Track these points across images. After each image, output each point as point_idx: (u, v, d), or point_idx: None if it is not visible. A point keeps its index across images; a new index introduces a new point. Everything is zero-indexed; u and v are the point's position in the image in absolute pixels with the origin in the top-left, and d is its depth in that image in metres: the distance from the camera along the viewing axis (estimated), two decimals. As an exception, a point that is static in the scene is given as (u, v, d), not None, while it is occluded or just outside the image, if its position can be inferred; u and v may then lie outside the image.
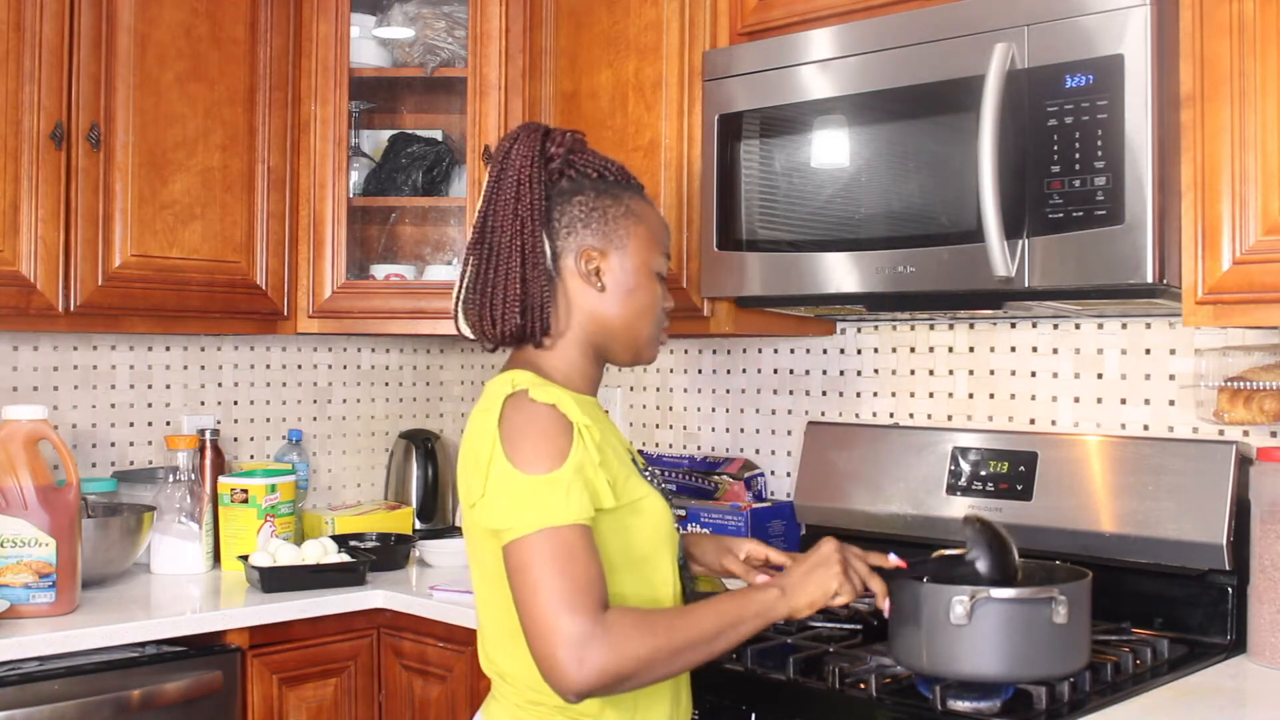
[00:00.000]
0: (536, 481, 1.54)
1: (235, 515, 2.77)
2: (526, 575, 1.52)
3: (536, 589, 1.50)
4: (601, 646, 1.48)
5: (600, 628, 1.49)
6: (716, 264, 2.38)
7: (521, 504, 1.53)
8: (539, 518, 1.52)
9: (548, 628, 1.49)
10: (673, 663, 1.55)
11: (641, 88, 2.63)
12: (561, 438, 1.57)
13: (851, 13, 2.27)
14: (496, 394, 1.62)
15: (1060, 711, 1.73)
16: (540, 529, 1.52)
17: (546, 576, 1.50)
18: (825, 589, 1.67)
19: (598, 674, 1.48)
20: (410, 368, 3.53)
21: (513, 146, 1.71)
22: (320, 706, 2.54)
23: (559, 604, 1.49)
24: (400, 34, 3.06)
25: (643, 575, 1.68)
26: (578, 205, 1.71)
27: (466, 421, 1.67)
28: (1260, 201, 1.83)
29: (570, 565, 1.51)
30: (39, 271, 2.48)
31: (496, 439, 1.57)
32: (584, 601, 1.49)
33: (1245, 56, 1.83)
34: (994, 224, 1.94)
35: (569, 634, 1.48)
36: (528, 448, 1.56)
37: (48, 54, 2.48)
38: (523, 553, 1.52)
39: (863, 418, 2.73)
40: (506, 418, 1.58)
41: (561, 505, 1.53)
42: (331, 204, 2.91)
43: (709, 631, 1.57)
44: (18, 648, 2.14)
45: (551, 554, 1.51)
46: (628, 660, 1.49)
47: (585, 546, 1.53)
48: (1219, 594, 2.12)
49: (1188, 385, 2.25)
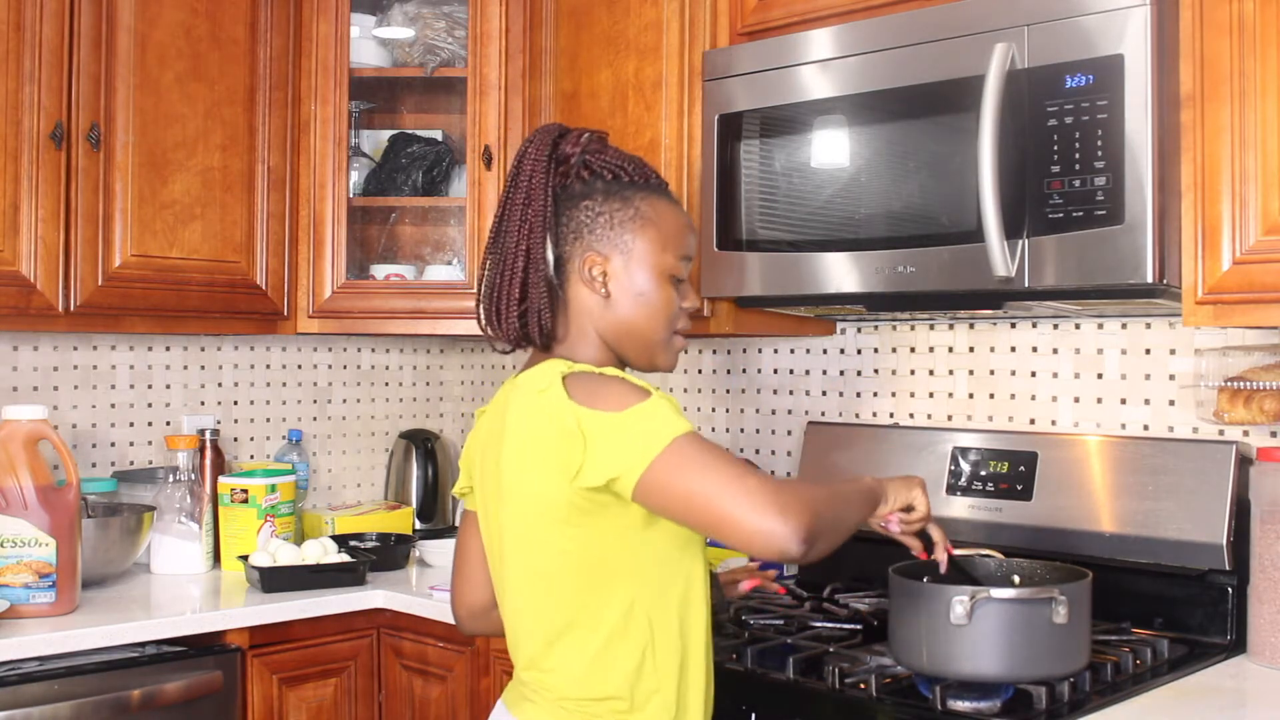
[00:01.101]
0: (639, 411, 1.53)
1: (235, 515, 2.77)
2: (687, 475, 1.51)
3: (705, 485, 1.50)
4: (792, 499, 1.49)
5: (782, 484, 1.52)
6: (716, 264, 2.38)
7: (641, 431, 1.52)
8: (665, 431, 1.52)
9: (741, 503, 1.48)
10: (841, 522, 1.61)
11: (641, 88, 2.63)
12: (636, 386, 1.58)
13: (851, 13, 2.27)
14: (550, 375, 1.60)
15: (1060, 711, 1.73)
16: (670, 440, 1.51)
17: (710, 465, 1.50)
18: (909, 497, 1.78)
19: (803, 520, 1.48)
20: (410, 368, 3.53)
21: (527, 149, 1.71)
22: (320, 706, 2.54)
23: (736, 482, 1.49)
24: (400, 34, 3.06)
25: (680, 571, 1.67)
26: (584, 210, 1.70)
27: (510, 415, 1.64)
28: (1260, 201, 1.83)
29: (717, 454, 1.52)
30: (39, 271, 2.48)
31: (573, 405, 1.55)
32: (754, 471, 1.52)
33: (1245, 56, 1.83)
34: (994, 224, 1.94)
35: (761, 497, 1.48)
36: (612, 395, 1.56)
37: (48, 54, 2.48)
38: (667, 468, 1.51)
39: (863, 418, 2.73)
40: (574, 389, 1.57)
41: (674, 419, 1.54)
42: (331, 204, 2.91)
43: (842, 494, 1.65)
44: (18, 648, 2.14)
45: (698, 449, 1.52)
46: (818, 510, 1.51)
47: (710, 443, 1.55)
48: (1219, 594, 2.12)
49: (1188, 385, 2.25)
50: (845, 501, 1.65)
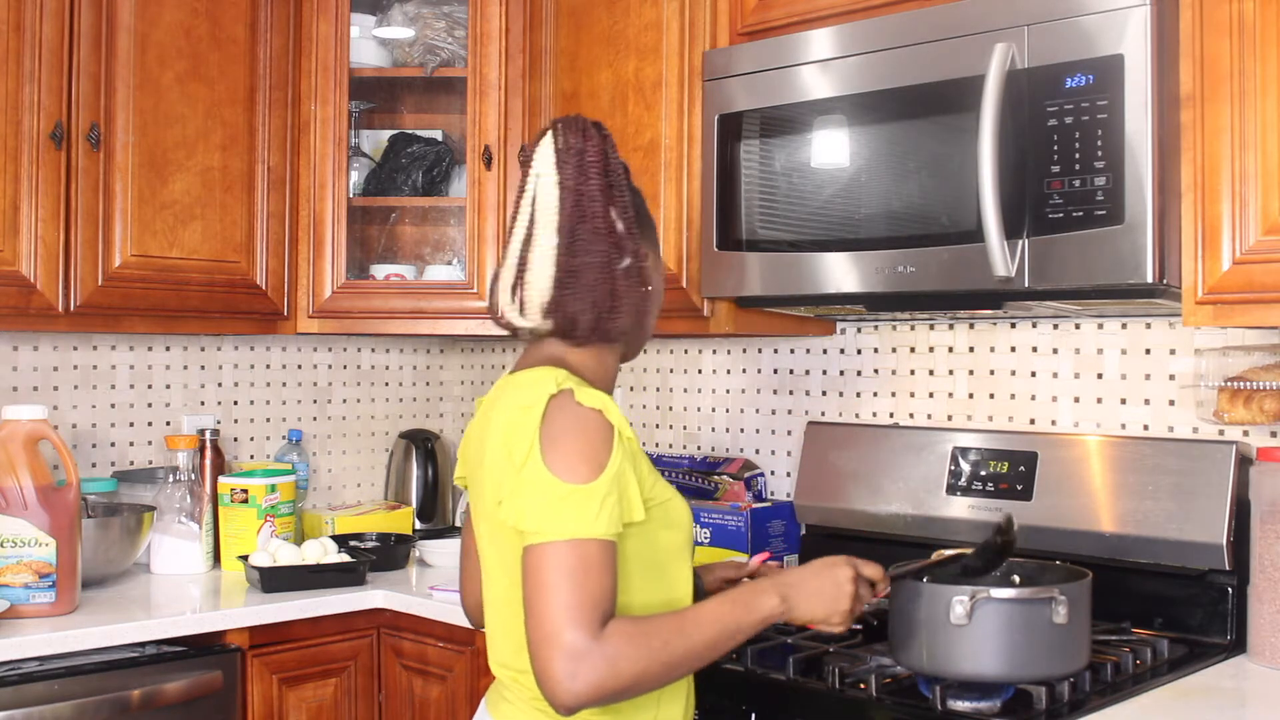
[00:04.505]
0: (571, 490, 1.52)
1: (235, 515, 2.77)
2: (541, 581, 1.50)
3: (547, 596, 1.49)
4: (597, 662, 1.47)
5: (598, 644, 1.48)
6: (716, 264, 2.38)
7: (552, 510, 1.51)
8: (567, 527, 1.50)
9: (550, 636, 1.48)
10: (668, 675, 1.55)
11: (641, 88, 2.63)
12: (603, 446, 1.55)
13: (851, 13, 2.27)
14: (539, 391, 1.57)
15: (1060, 711, 1.73)
16: (566, 539, 1.50)
17: (560, 586, 1.49)
18: (829, 612, 1.67)
19: (590, 689, 1.47)
20: (410, 368, 3.53)
21: (586, 143, 1.64)
22: (320, 706, 2.54)
23: (565, 615, 1.48)
24: (400, 34, 3.06)
25: (666, 578, 1.67)
26: (631, 204, 1.69)
27: (495, 414, 1.62)
28: (1260, 201, 1.83)
29: (585, 579, 1.50)
30: (39, 271, 2.48)
31: (536, 440, 1.54)
32: (589, 616, 1.48)
33: (1245, 56, 1.83)
34: (994, 224, 1.94)
35: (568, 647, 1.47)
36: (568, 453, 1.53)
37: (48, 54, 2.48)
38: (543, 558, 1.51)
39: (863, 418, 2.73)
40: (550, 419, 1.55)
41: (591, 518, 1.51)
42: (331, 204, 2.91)
43: (708, 641, 1.57)
44: (18, 648, 2.14)
45: (570, 565, 1.50)
46: (622, 676, 1.49)
47: (605, 561, 1.52)
48: (1219, 594, 2.12)
49: (1188, 385, 2.25)
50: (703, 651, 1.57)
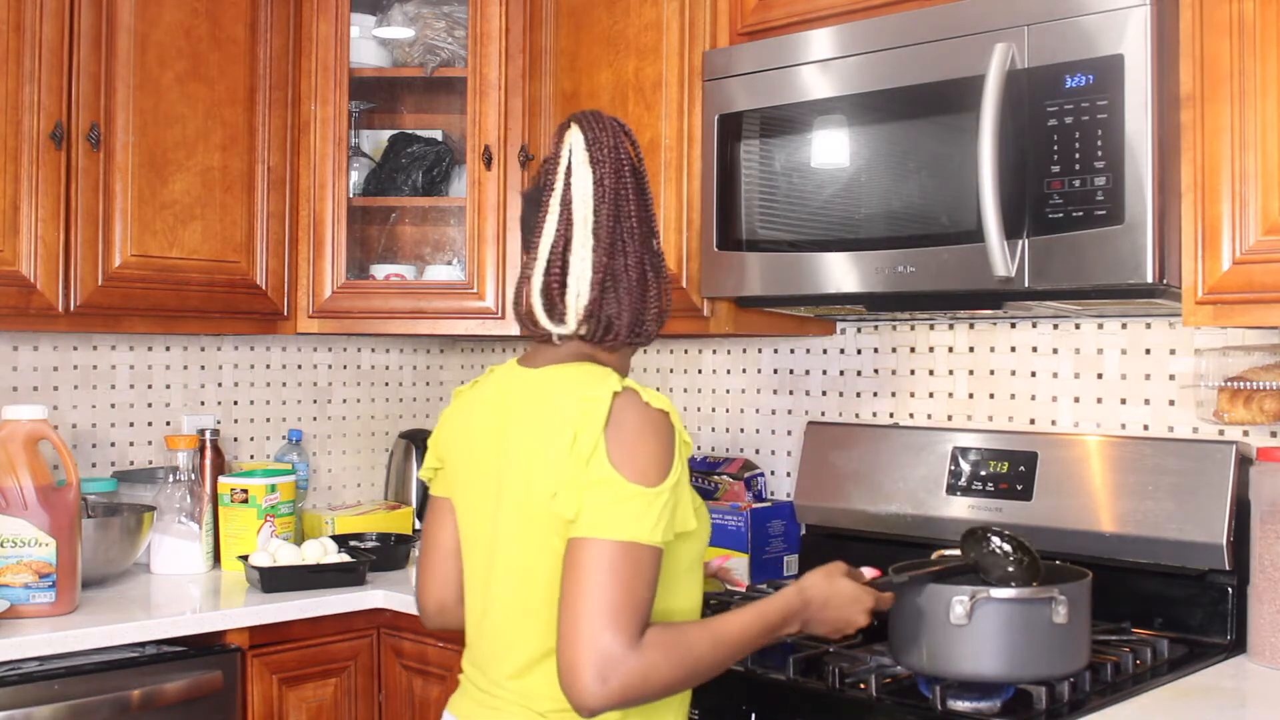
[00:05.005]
0: (637, 492, 1.50)
1: (235, 515, 2.77)
2: (588, 576, 1.48)
3: (593, 594, 1.47)
4: (632, 670, 1.46)
5: (635, 653, 1.47)
6: (716, 264, 2.38)
7: (614, 508, 1.50)
8: (626, 528, 1.49)
9: (588, 636, 1.46)
10: (689, 684, 1.57)
11: (641, 88, 2.63)
12: (668, 450, 1.54)
13: (851, 13, 2.27)
14: (602, 388, 1.56)
15: (1060, 711, 1.73)
16: (624, 540, 1.49)
17: (608, 586, 1.47)
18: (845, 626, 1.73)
19: (618, 695, 1.46)
20: (410, 368, 3.53)
21: (617, 141, 1.64)
22: (320, 706, 2.54)
23: (607, 617, 1.46)
24: (400, 34, 3.06)
25: (694, 581, 1.68)
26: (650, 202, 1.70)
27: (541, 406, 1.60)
28: (1260, 201, 1.83)
29: (633, 583, 1.48)
30: (39, 271, 2.48)
31: (602, 438, 1.52)
32: (630, 622, 1.47)
33: (1245, 56, 1.83)
34: (994, 224, 1.94)
35: (605, 650, 1.45)
36: (635, 454, 1.52)
37: (48, 54, 2.48)
38: (595, 554, 1.49)
39: (863, 418, 2.73)
40: (617, 417, 1.53)
41: (651, 523, 1.50)
42: (331, 204, 2.91)
43: (731, 656, 1.59)
44: (18, 648, 2.14)
45: (620, 567, 1.48)
46: (652, 686, 1.49)
47: (652, 569, 1.51)
48: (1219, 594, 2.12)
49: (1188, 385, 2.25)
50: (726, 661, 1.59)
